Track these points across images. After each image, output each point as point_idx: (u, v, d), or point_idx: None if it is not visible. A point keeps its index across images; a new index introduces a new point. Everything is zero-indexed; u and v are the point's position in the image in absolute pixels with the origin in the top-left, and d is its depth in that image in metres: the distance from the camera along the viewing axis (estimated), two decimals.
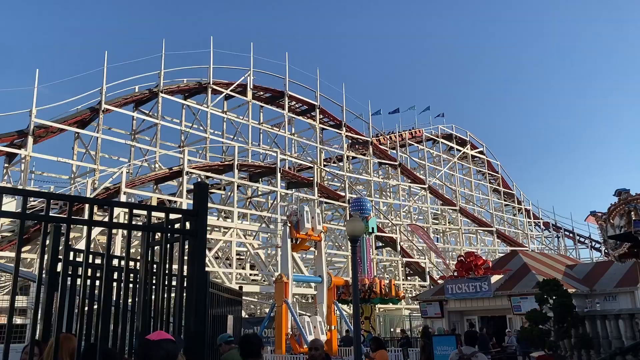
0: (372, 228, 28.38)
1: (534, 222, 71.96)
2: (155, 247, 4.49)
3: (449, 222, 61.83)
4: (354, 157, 54.99)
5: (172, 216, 4.24)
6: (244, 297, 20.80)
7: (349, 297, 25.50)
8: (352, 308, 15.02)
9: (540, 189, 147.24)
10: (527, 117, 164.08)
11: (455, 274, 27.87)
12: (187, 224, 4.12)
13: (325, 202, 45.74)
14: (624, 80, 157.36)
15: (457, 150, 66.48)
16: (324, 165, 52.14)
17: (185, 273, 4.31)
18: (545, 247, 68.64)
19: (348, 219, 33.49)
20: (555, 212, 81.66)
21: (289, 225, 25.09)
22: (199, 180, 33.65)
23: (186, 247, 4.11)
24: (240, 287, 13.01)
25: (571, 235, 73.29)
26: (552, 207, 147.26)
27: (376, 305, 29.35)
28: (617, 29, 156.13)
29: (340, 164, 51.95)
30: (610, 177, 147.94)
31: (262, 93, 47.40)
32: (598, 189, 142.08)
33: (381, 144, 55.35)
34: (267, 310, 32.12)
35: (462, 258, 28.15)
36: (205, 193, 4.21)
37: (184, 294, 4.38)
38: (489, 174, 70.07)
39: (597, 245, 68.69)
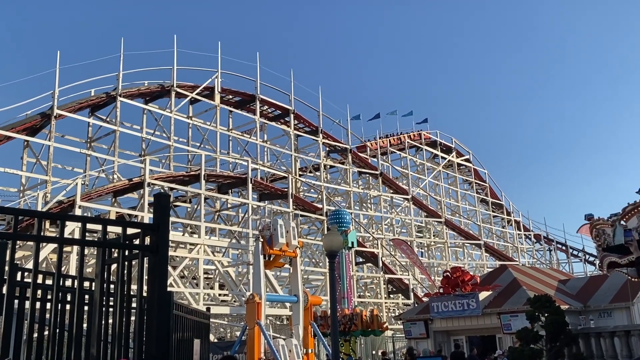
0: (352, 242, 28.34)
1: (525, 234, 72.96)
2: (113, 266, 4.42)
3: (434, 235, 62.28)
4: (331, 166, 55.08)
5: (131, 231, 4.19)
6: (212, 320, 20.57)
7: (327, 329, 25.39)
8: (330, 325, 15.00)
9: (531, 199, 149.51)
10: (516, 122, 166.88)
11: (441, 290, 28.02)
12: (147, 239, 4.08)
13: (301, 215, 45.70)
14: (620, 82, 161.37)
15: (442, 158, 67.20)
16: (300, 175, 52.12)
17: (145, 293, 4.26)
18: (537, 261, 69.58)
19: (325, 232, 33.50)
20: (547, 223, 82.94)
21: (262, 240, 24.87)
22: (162, 191, 33.34)
23: (146, 264, 4.06)
24: (208, 309, 12.90)
25: (564, 248, 74.43)
26: (544, 218, 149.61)
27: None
28: (612, 28, 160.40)
29: (317, 173, 52.02)
30: (606, 186, 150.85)
31: (231, 97, 47.28)
32: (593, 199, 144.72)
33: (360, 151, 55.65)
34: (237, 333, 31.85)
35: (448, 274, 28.33)
36: (167, 205, 4.18)
37: (145, 317, 4.32)
38: (476, 183, 70.93)
39: (591, 259, 69.89)
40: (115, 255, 4.35)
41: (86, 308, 5.44)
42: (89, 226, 4.25)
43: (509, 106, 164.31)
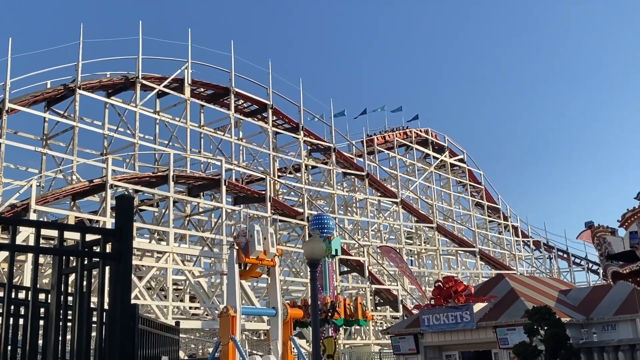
0: (336, 250, 28.47)
1: (523, 241, 73.70)
2: (71, 276, 4.40)
3: (424, 242, 62.62)
4: (313, 167, 55.13)
5: (91, 237, 4.18)
6: (182, 335, 20.48)
7: (307, 318, 25.55)
8: (311, 341, 15.04)
9: (530, 202, 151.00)
10: (514, 119, 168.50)
11: (432, 302, 28.21)
12: (109, 246, 4.07)
13: (280, 220, 45.69)
14: (625, 78, 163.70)
15: (434, 157, 67.64)
16: (279, 176, 52.08)
17: (107, 306, 4.24)
18: (536, 270, 70.33)
19: (307, 239, 33.45)
20: (547, 229, 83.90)
21: (237, 248, 24.95)
22: (125, 193, 33.10)
23: (108, 274, 4.05)
24: (177, 323, 12.86)
25: (565, 256, 75.32)
26: (544, 223, 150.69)
27: (341, 342, 29.48)
28: (615, 20, 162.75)
29: (298, 174, 52.04)
30: (611, 188, 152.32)
31: (202, 89, 47.11)
32: (596, 202, 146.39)
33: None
34: (210, 349, 31.73)
35: (440, 284, 28.54)
36: (130, 208, 4.16)
37: (107, 332, 4.30)
38: (470, 185, 71.50)
39: (595, 267, 70.79)
40: (74, 264, 4.32)
41: (41, 322, 5.40)
42: (45, 232, 4.23)
43: (506, 102, 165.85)
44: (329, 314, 26.16)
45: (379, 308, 50.25)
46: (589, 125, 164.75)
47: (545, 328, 15.20)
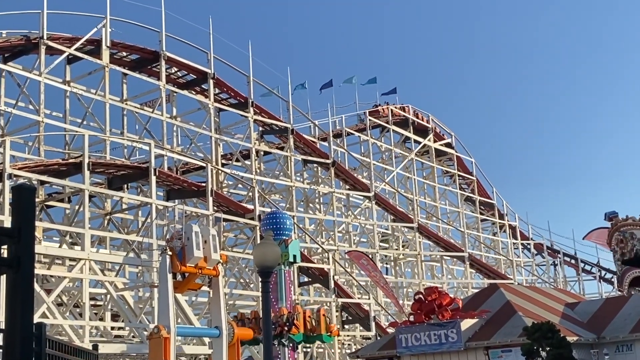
0: (294, 256, 28.66)
1: (522, 244, 74.83)
2: None
3: (403, 246, 63.11)
4: (266, 153, 55.01)
5: None
6: None
7: (259, 333, 25.72)
8: None
9: (531, 197, 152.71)
10: (513, 96, 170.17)
11: (412, 318, 28.58)
12: (5, 251, 4.04)
13: (225, 219, 45.58)
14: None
15: (416, 142, 68.09)
16: (223, 165, 51.90)
17: (3, 325, 4.22)
18: (537, 279, 71.52)
19: (258, 242, 33.50)
20: (551, 229, 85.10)
21: (170, 254, 24.91)
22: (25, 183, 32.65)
23: (4, 284, 4.03)
24: (95, 346, 12.78)
25: (573, 262, 76.67)
26: (548, 222, 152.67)
27: None
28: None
29: (247, 162, 51.92)
30: (632, 181, 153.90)
31: (125, 54, 46.54)
32: (612, 197, 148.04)
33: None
34: None
35: (420, 296, 28.92)
36: (32, 202, 4.14)
37: (4, 357, 4.28)
38: (459, 176, 72.25)
39: (609, 276, 72.20)
40: None
41: None
42: None
43: (504, 73, 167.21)
44: (286, 328, 26.32)
45: (346, 327, 50.60)
46: (605, 105, 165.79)
47: (548, 349, 15.57)
